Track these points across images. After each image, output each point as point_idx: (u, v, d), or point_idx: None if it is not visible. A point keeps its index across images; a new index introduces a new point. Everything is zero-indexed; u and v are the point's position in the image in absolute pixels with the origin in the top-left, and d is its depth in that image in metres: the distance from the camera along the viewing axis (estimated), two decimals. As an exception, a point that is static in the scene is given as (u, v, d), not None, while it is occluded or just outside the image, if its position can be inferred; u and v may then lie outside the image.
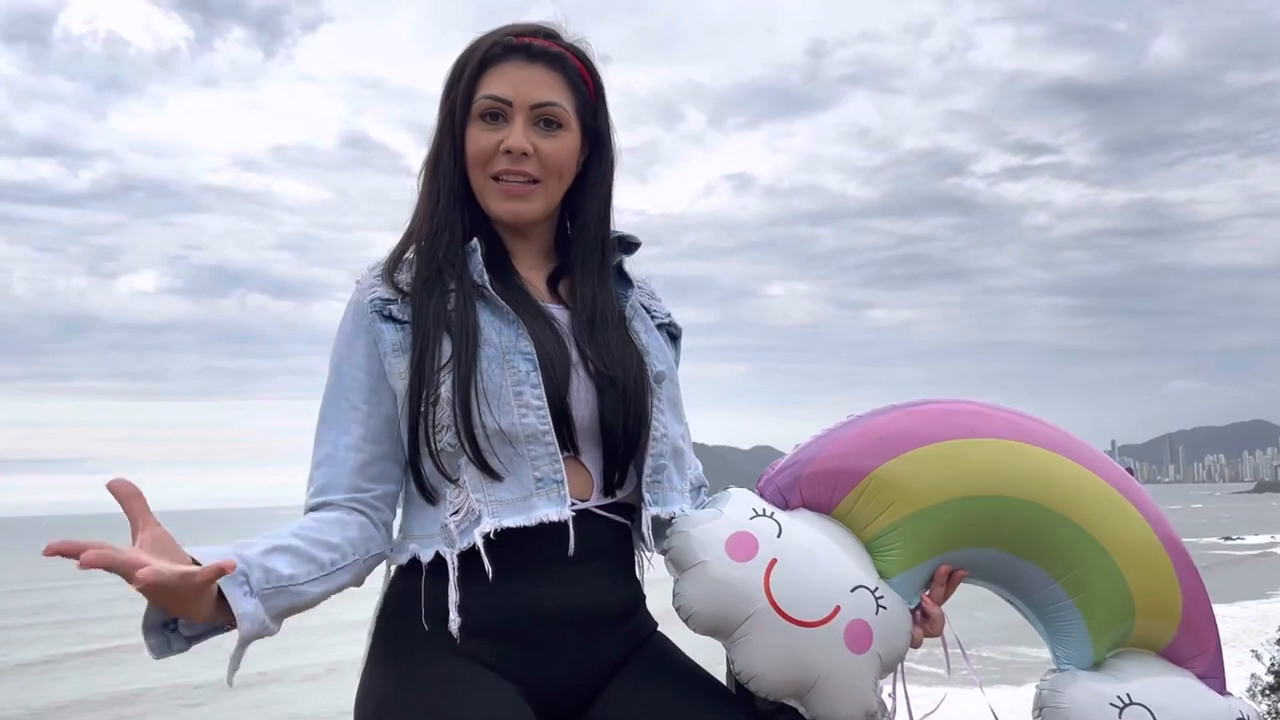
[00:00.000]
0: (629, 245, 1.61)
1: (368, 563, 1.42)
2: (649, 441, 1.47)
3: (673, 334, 1.64)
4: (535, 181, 1.48)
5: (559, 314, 1.51)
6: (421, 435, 1.39)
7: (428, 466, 1.41)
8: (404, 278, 1.47)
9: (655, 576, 1.55)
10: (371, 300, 1.46)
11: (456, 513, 1.39)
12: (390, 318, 1.44)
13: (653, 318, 1.60)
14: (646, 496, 1.47)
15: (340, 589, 1.39)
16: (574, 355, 1.46)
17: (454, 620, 1.35)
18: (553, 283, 1.56)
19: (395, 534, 1.49)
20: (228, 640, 1.29)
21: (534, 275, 1.55)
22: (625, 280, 1.60)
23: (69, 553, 1.06)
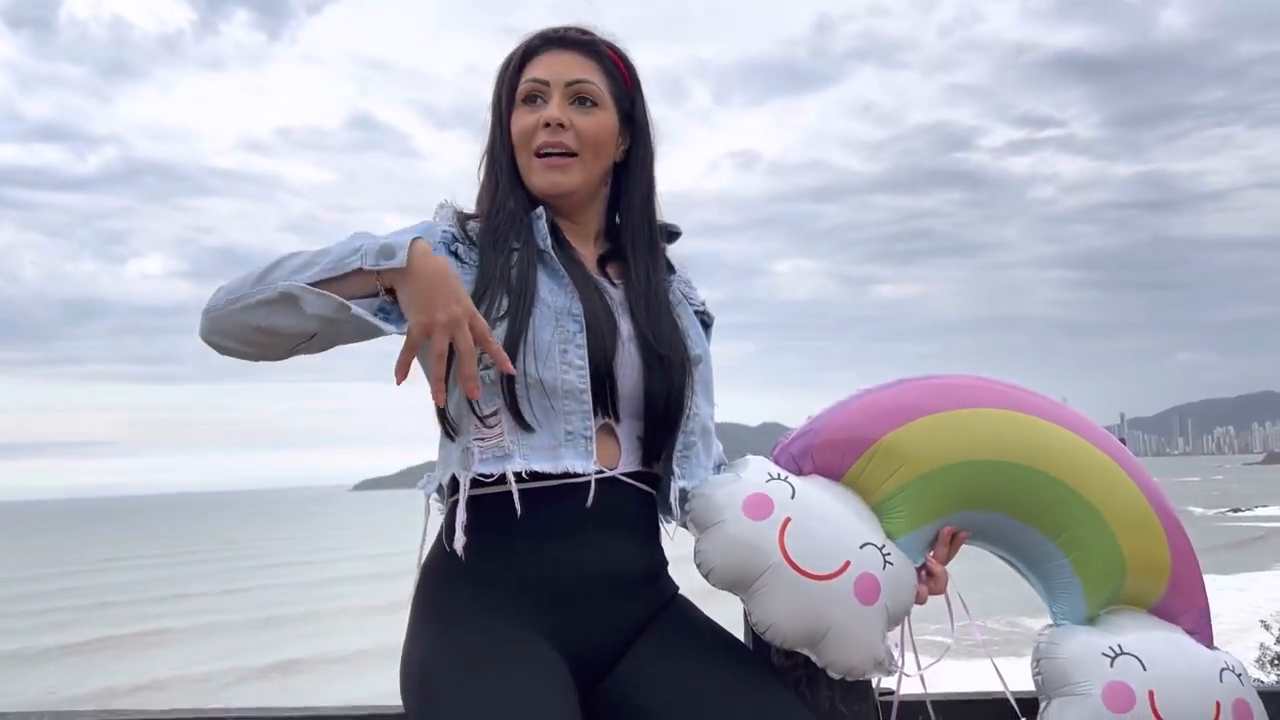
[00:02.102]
0: (670, 234, 1.70)
1: None
2: (683, 420, 1.56)
3: (705, 321, 1.72)
4: (573, 155, 1.57)
5: (611, 290, 1.59)
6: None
7: (455, 395, 1.46)
8: (474, 226, 1.57)
9: (674, 555, 1.63)
10: (444, 234, 1.53)
11: (482, 439, 1.44)
12: (455, 255, 1.52)
13: (689, 304, 1.69)
14: (676, 470, 1.55)
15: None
16: (623, 328, 1.54)
17: (459, 540, 1.41)
18: (601, 264, 1.64)
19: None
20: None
21: (586, 251, 1.64)
22: (669, 267, 1.69)
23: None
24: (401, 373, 1.36)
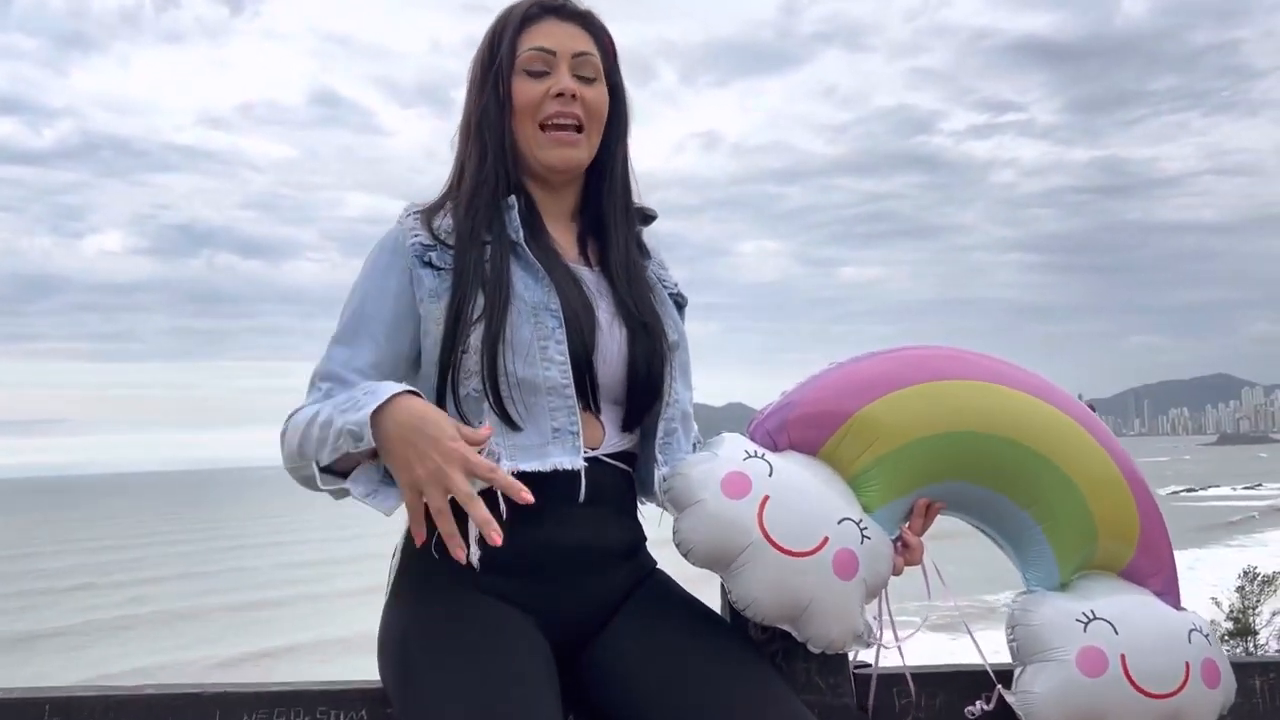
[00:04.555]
0: (646, 217, 1.70)
1: None
2: (662, 406, 1.57)
3: (679, 303, 1.72)
4: (580, 129, 1.57)
5: (588, 275, 1.59)
6: (450, 380, 1.47)
7: (450, 411, 1.47)
8: (442, 225, 1.54)
9: (655, 539, 1.64)
10: (413, 244, 1.52)
11: (479, 454, 1.45)
12: (429, 264, 1.51)
13: (664, 286, 1.68)
14: (659, 457, 1.57)
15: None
16: (601, 316, 1.54)
17: (474, 553, 1.42)
18: (580, 243, 1.64)
19: None
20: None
21: (563, 235, 1.63)
22: (643, 251, 1.68)
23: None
24: (419, 535, 1.35)
